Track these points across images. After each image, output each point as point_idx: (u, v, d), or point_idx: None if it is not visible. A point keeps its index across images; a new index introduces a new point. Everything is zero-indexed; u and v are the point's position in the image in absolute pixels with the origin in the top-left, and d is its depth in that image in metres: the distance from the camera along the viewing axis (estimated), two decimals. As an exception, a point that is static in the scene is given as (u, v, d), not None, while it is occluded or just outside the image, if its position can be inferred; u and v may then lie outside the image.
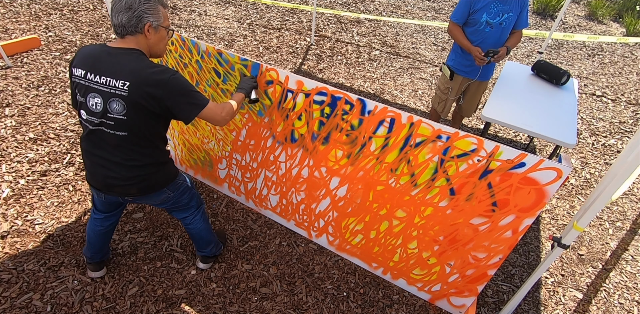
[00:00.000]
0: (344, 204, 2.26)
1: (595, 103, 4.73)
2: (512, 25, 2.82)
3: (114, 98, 1.56)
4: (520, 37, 2.93)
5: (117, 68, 1.55)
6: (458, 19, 2.81)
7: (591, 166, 3.67)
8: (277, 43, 5.29)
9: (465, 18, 2.78)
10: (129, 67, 1.55)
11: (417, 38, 5.90)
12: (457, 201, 1.84)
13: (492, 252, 1.89)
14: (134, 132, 1.62)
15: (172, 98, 1.58)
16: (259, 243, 2.59)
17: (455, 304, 2.23)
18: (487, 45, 2.80)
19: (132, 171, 1.71)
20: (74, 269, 2.30)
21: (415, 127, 1.74)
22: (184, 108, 1.62)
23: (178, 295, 2.23)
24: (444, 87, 3.19)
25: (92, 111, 1.61)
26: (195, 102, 1.64)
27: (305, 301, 2.27)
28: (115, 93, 1.55)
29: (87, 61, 1.59)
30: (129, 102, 1.55)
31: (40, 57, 4.32)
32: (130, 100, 1.55)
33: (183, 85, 1.60)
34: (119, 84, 1.54)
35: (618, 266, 2.73)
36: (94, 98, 1.59)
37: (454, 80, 3.09)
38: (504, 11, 2.70)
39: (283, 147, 2.29)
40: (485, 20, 2.72)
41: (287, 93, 2.02)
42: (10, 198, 2.69)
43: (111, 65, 1.56)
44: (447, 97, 3.21)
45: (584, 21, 7.14)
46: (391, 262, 2.32)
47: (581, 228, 1.68)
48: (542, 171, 1.57)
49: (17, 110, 3.49)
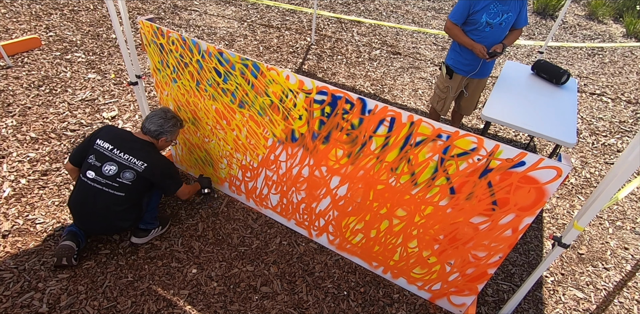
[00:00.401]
0: (345, 203, 2.27)
1: (595, 102, 4.74)
2: (511, 25, 2.82)
3: (128, 169, 2.18)
4: (519, 35, 2.93)
5: (139, 151, 2.22)
6: (457, 19, 2.81)
7: (591, 166, 3.68)
8: (278, 43, 5.29)
9: (465, 18, 2.78)
10: (148, 154, 2.24)
11: (417, 38, 5.90)
12: (457, 200, 1.85)
13: (492, 251, 1.90)
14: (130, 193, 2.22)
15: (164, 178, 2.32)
16: (260, 242, 2.59)
17: (456, 303, 2.24)
18: (486, 44, 2.80)
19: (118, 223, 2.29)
20: (75, 268, 2.30)
21: (415, 126, 1.75)
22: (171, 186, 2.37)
23: (179, 294, 2.23)
24: (442, 86, 3.20)
25: (103, 174, 2.17)
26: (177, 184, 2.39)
27: (306, 300, 2.27)
28: (132, 167, 2.19)
29: (115, 140, 2.22)
30: (139, 175, 2.20)
31: (40, 57, 4.32)
32: (142, 174, 2.20)
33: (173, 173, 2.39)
34: (138, 162, 2.19)
35: (618, 266, 2.74)
36: (111, 165, 2.18)
37: (453, 78, 3.09)
38: (503, 11, 2.70)
39: (283, 146, 2.29)
40: (485, 20, 2.72)
41: (288, 92, 2.03)
42: (12, 198, 2.69)
43: (135, 148, 2.23)
44: (446, 96, 3.21)
45: (583, 21, 7.14)
46: (391, 261, 2.32)
47: (581, 227, 1.69)
48: (542, 170, 1.57)
49: (18, 110, 3.50)
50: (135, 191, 2.23)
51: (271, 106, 2.16)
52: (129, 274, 2.31)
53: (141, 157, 2.21)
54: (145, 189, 2.30)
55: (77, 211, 2.26)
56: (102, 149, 2.20)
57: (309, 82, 1.92)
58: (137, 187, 2.23)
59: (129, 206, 2.25)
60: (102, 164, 2.18)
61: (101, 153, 2.19)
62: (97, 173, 2.18)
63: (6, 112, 3.46)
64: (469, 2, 2.70)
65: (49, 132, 3.30)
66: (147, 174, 2.21)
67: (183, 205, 2.80)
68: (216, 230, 2.64)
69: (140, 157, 2.20)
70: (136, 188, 2.22)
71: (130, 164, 2.19)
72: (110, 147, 2.20)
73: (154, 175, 2.24)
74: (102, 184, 2.17)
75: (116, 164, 2.18)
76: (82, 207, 2.23)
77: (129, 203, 2.24)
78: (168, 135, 2.35)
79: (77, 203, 2.25)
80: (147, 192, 2.34)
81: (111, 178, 2.17)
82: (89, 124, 3.45)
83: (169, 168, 2.35)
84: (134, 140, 2.27)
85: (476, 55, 2.83)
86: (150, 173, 2.22)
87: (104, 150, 2.20)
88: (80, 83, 3.98)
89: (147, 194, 2.36)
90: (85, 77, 4.08)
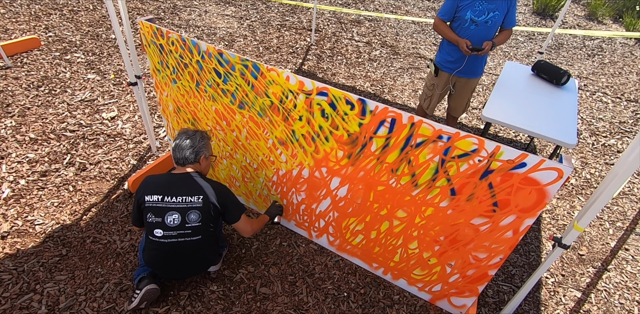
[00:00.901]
0: (345, 204, 2.26)
1: (595, 103, 4.73)
2: (499, 24, 2.82)
3: (190, 210, 2.02)
4: (508, 35, 2.93)
5: (189, 188, 2.04)
6: (444, 15, 2.83)
7: (591, 167, 3.67)
8: (277, 43, 5.29)
9: (452, 15, 2.80)
10: (197, 185, 2.06)
11: (417, 38, 5.90)
12: (458, 202, 1.84)
13: (492, 252, 1.89)
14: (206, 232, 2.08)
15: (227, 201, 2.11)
16: (260, 244, 2.59)
17: (456, 305, 2.23)
18: (473, 43, 2.80)
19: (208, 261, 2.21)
20: (75, 269, 2.29)
21: (416, 127, 1.74)
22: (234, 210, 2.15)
23: (178, 295, 2.23)
24: (429, 83, 3.21)
25: (170, 227, 2.01)
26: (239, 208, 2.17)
27: (306, 301, 2.27)
28: (192, 207, 2.02)
29: (160, 188, 2.05)
30: (202, 210, 2.03)
31: (40, 57, 4.32)
32: (204, 209, 2.04)
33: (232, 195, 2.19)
34: (193, 198, 2.03)
35: (618, 266, 2.73)
36: (172, 215, 2.01)
37: (439, 76, 3.09)
38: (489, 10, 2.70)
39: (284, 147, 2.28)
40: (469, 17, 2.73)
41: (288, 93, 2.02)
42: (11, 199, 2.68)
43: (183, 186, 2.05)
44: (432, 94, 3.22)
45: (583, 21, 7.14)
46: (392, 262, 2.32)
47: (581, 228, 1.68)
48: (543, 172, 1.57)
49: (17, 110, 3.49)
50: (209, 228, 2.09)
51: (271, 107, 2.15)
52: (129, 276, 2.30)
53: (193, 192, 2.04)
54: (216, 221, 2.14)
55: (161, 268, 2.13)
56: (154, 203, 2.02)
57: (309, 82, 1.92)
58: (209, 223, 2.07)
59: (210, 244, 2.14)
60: (163, 218, 2.01)
61: (156, 208, 2.02)
62: (164, 228, 2.02)
63: (5, 113, 3.45)
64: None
65: (48, 133, 3.29)
66: (208, 205, 2.04)
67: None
68: (216, 231, 2.64)
69: (193, 193, 2.04)
70: (208, 225, 2.07)
71: (188, 205, 2.02)
72: (160, 198, 2.03)
73: (215, 200, 2.06)
74: (174, 237, 2.02)
75: (176, 211, 2.01)
76: (167, 264, 2.11)
77: (209, 241, 2.12)
78: (205, 151, 2.16)
79: (158, 261, 2.10)
80: (218, 223, 2.21)
81: (180, 227, 2.02)
82: (89, 125, 3.44)
83: (225, 190, 2.15)
84: (178, 178, 2.09)
85: (460, 50, 2.84)
86: (209, 202, 2.05)
87: (156, 203, 2.02)
88: (79, 83, 3.98)
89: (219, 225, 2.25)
90: (84, 78, 4.08)
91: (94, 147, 3.22)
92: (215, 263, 2.28)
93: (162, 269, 2.13)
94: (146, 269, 2.17)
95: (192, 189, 2.05)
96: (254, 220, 2.27)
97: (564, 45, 6.21)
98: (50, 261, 2.32)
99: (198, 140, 2.14)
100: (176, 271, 2.15)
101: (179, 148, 2.11)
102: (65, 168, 2.98)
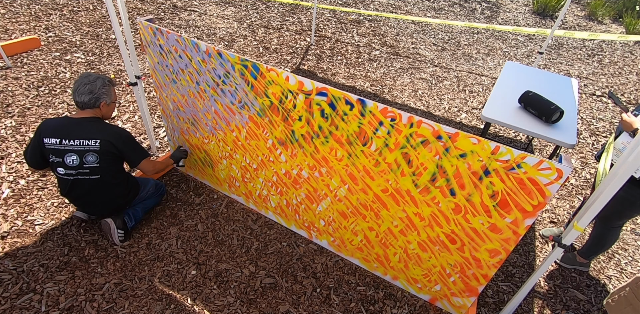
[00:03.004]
0: (344, 204, 2.26)
1: (595, 103, 4.73)
2: None
3: (88, 153, 2.17)
4: None
5: (86, 132, 2.17)
6: None
7: (591, 167, 3.67)
8: (277, 43, 5.29)
9: None
10: (95, 130, 2.18)
11: (417, 38, 5.90)
12: (458, 202, 1.84)
13: (492, 252, 1.90)
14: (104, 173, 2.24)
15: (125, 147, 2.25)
16: (259, 244, 2.59)
17: (456, 305, 2.23)
18: None
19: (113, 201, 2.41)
20: (74, 269, 2.29)
21: (415, 127, 1.74)
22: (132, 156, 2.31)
23: (178, 295, 2.23)
24: None
25: (69, 166, 2.18)
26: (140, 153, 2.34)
27: (306, 301, 2.27)
28: (89, 150, 2.17)
29: (58, 131, 2.16)
30: (100, 153, 2.18)
31: (40, 57, 4.32)
32: (101, 152, 2.18)
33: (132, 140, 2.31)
34: (91, 142, 2.16)
35: (617, 266, 2.73)
36: (70, 156, 2.16)
37: None
38: None
39: (283, 147, 2.29)
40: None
41: (287, 93, 2.02)
42: (10, 199, 2.69)
43: (81, 130, 2.17)
44: None
45: (583, 21, 7.14)
46: (391, 262, 2.32)
47: (581, 228, 1.68)
48: (543, 172, 1.57)
49: (17, 111, 3.49)
50: (108, 170, 2.24)
51: (271, 107, 2.15)
52: (129, 276, 2.30)
53: (90, 135, 2.17)
54: (116, 163, 2.29)
55: (72, 201, 2.40)
56: (53, 145, 2.16)
57: (309, 82, 1.92)
58: (107, 165, 2.23)
59: (114, 184, 2.32)
60: (62, 158, 2.17)
61: (55, 150, 2.17)
62: (64, 167, 2.19)
63: (5, 113, 3.45)
64: None
65: (48, 133, 3.29)
66: (106, 148, 2.18)
67: (182, 206, 2.80)
68: (216, 231, 2.64)
69: (89, 136, 2.16)
70: (107, 166, 2.23)
71: (85, 147, 2.16)
72: (57, 141, 2.16)
73: (112, 146, 2.19)
74: (74, 175, 2.21)
75: (74, 153, 2.16)
76: (74, 198, 2.34)
77: (110, 181, 2.29)
78: (105, 97, 2.23)
79: (68, 195, 2.34)
80: (122, 165, 2.37)
81: (78, 167, 2.19)
82: (89, 125, 3.44)
83: (123, 135, 2.27)
84: (76, 123, 2.19)
85: None
86: (107, 146, 2.18)
87: (55, 145, 2.16)
88: (79, 83, 3.98)
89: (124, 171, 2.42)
90: (84, 78, 4.07)
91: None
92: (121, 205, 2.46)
93: (74, 202, 2.41)
94: None
95: (89, 133, 2.17)
96: (156, 161, 2.46)
97: (564, 45, 6.21)
98: (50, 261, 2.33)
99: (99, 87, 2.19)
100: (85, 205, 2.41)
101: (78, 93, 2.18)
102: (65, 168, 2.98)
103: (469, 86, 4.79)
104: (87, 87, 2.17)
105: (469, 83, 4.84)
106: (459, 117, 4.18)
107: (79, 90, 2.17)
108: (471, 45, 5.89)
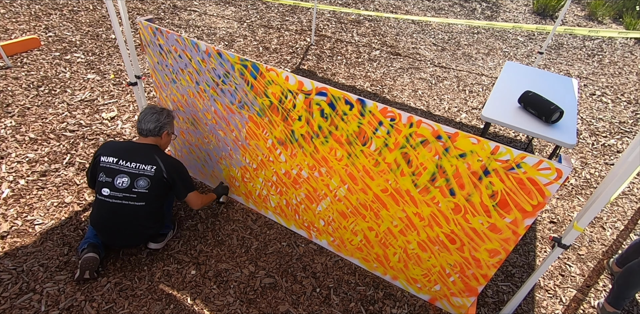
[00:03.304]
0: (344, 204, 2.26)
1: (595, 103, 4.73)
2: None
3: (140, 177, 2.16)
4: None
5: (145, 157, 2.20)
6: None
7: (591, 167, 3.67)
8: (277, 43, 5.29)
9: None
10: (154, 157, 2.21)
11: (417, 38, 5.90)
12: (457, 202, 1.84)
13: (492, 252, 1.89)
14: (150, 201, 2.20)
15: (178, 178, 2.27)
16: (259, 244, 2.59)
17: (456, 305, 2.23)
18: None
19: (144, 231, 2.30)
20: (74, 269, 2.29)
21: (415, 127, 1.74)
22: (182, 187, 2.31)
23: (178, 295, 2.23)
24: None
25: (117, 188, 2.15)
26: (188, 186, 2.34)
27: (305, 301, 2.27)
28: (143, 174, 2.17)
29: (118, 152, 2.20)
30: (153, 180, 2.18)
31: (40, 57, 4.32)
32: (155, 178, 2.18)
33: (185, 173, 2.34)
34: (147, 167, 2.18)
35: (618, 267, 2.73)
36: (122, 178, 2.15)
37: None
38: None
39: (283, 147, 2.29)
40: None
41: (287, 93, 2.02)
42: (10, 198, 2.69)
43: (140, 154, 2.21)
44: None
45: (583, 21, 7.14)
46: (391, 262, 2.32)
47: (581, 228, 1.68)
48: (542, 172, 1.57)
49: (17, 110, 3.49)
50: (154, 198, 2.21)
51: (270, 107, 2.15)
52: (128, 275, 2.30)
53: (148, 161, 2.19)
54: (164, 193, 2.27)
55: (102, 228, 2.24)
56: (109, 164, 2.17)
57: (309, 82, 1.92)
58: (155, 193, 2.20)
59: (152, 214, 2.25)
60: (113, 179, 2.15)
61: (109, 169, 2.16)
62: (112, 188, 2.15)
63: (5, 113, 3.45)
64: None
65: (48, 133, 3.29)
66: (159, 176, 2.19)
67: (182, 206, 2.80)
68: (215, 231, 2.64)
69: (147, 162, 2.18)
70: (155, 195, 2.20)
71: (140, 171, 2.16)
72: (115, 160, 2.17)
73: (166, 173, 2.21)
74: (119, 198, 2.15)
75: (127, 175, 2.15)
76: (107, 224, 2.22)
77: (151, 210, 2.23)
78: (168, 127, 2.33)
79: (100, 221, 2.22)
80: (166, 197, 2.31)
81: (127, 190, 2.15)
82: (88, 125, 3.44)
83: (178, 167, 2.31)
84: (137, 147, 2.25)
85: None
86: (161, 173, 2.19)
87: (111, 164, 2.17)
88: (79, 83, 3.98)
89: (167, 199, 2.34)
90: (84, 78, 4.08)
91: (93, 146, 3.22)
92: (156, 239, 2.39)
93: (103, 230, 2.24)
94: (87, 241, 2.27)
95: (147, 158, 2.20)
96: (203, 195, 2.47)
97: (563, 45, 6.21)
98: (49, 261, 2.32)
99: (164, 116, 2.31)
100: (114, 233, 2.25)
101: (145, 121, 2.27)
102: (65, 168, 2.98)
103: (468, 86, 4.79)
104: (154, 115, 2.27)
105: (469, 83, 4.84)
106: (458, 117, 4.18)
107: (145, 119, 2.26)
108: (471, 45, 5.89)
